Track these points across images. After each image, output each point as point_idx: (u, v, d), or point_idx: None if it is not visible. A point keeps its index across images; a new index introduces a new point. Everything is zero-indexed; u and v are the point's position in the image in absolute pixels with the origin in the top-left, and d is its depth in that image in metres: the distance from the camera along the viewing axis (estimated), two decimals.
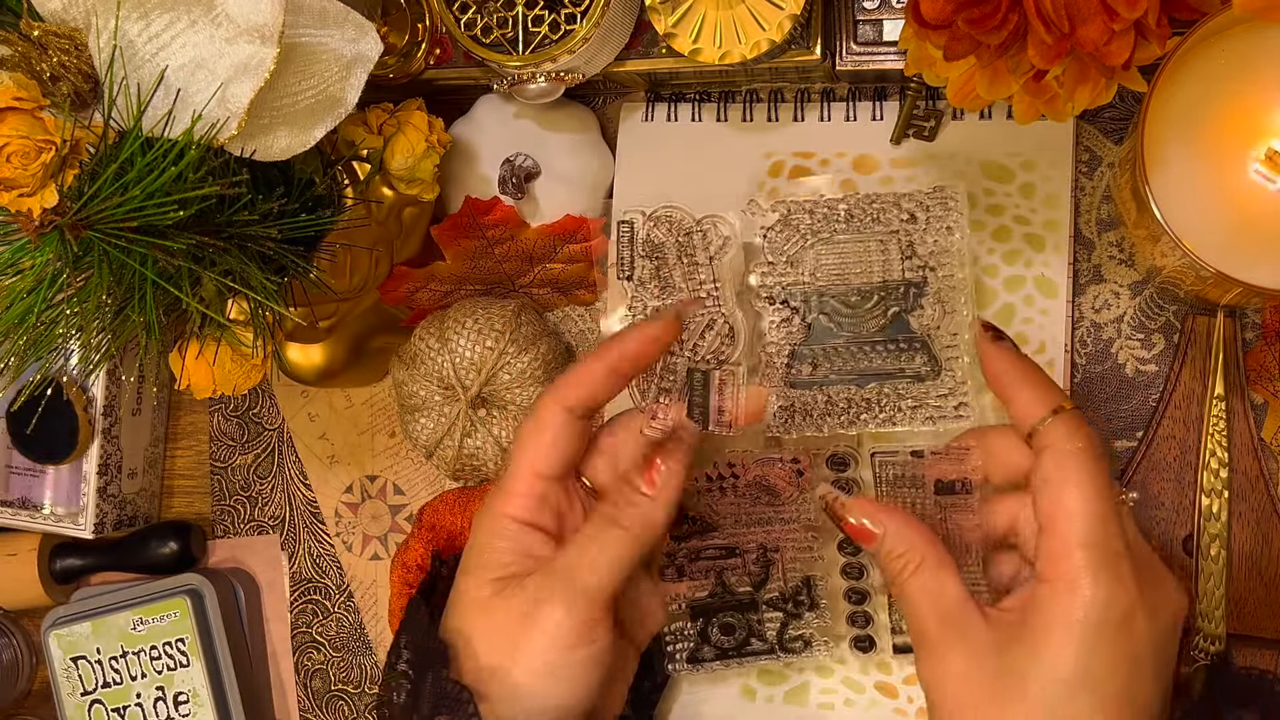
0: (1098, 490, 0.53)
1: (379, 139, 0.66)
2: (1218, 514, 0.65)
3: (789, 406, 0.64)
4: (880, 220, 0.64)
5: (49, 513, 0.78)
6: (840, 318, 0.64)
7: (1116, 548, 0.52)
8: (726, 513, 0.65)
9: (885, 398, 0.64)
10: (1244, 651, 0.65)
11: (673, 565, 0.65)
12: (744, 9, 0.62)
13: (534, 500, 0.59)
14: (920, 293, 0.64)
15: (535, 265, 0.73)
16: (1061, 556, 0.52)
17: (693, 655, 0.66)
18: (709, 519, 0.65)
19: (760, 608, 0.66)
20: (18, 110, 0.51)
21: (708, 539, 0.65)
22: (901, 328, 0.64)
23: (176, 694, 0.75)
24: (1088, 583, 0.51)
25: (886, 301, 0.64)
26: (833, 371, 0.64)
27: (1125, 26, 0.50)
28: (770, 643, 0.66)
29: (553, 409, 0.59)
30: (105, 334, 0.56)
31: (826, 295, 0.64)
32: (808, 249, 0.64)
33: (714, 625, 0.66)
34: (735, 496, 0.64)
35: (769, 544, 0.65)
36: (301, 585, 0.79)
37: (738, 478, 0.64)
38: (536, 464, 0.59)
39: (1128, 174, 0.61)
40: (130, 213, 0.51)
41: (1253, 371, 0.66)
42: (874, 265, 0.64)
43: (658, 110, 0.73)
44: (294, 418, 0.79)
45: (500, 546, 0.59)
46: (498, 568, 0.59)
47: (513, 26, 0.65)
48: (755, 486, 0.64)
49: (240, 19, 0.53)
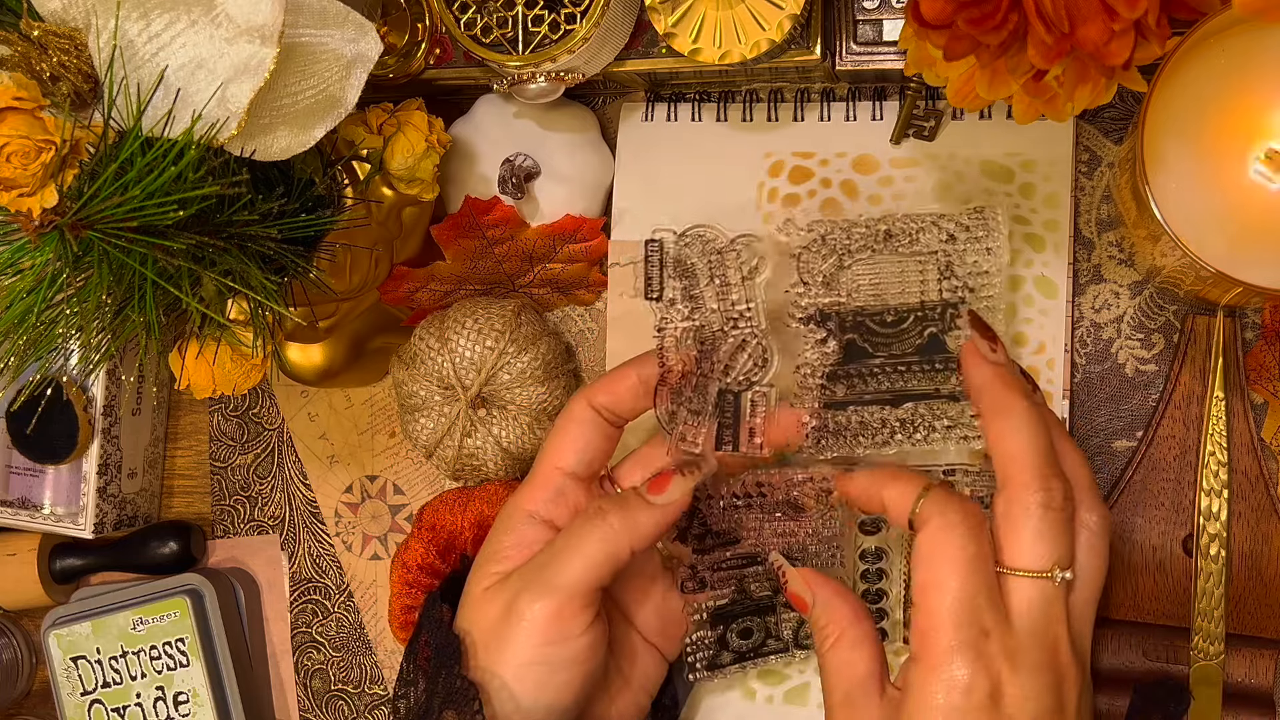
0: (968, 566, 0.53)
1: (379, 139, 0.66)
2: (1218, 514, 0.65)
3: (822, 427, 0.63)
4: (919, 240, 0.62)
5: (49, 513, 0.78)
6: (875, 338, 0.62)
7: (985, 625, 0.52)
8: (751, 526, 0.64)
9: (920, 418, 0.63)
10: (1244, 651, 0.65)
11: (695, 578, 0.64)
12: (744, 9, 0.62)
13: (550, 493, 0.60)
14: (957, 313, 0.62)
15: (535, 265, 0.73)
16: (928, 634, 0.53)
17: (712, 662, 0.66)
18: (731, 533, 0.64)
19: (778, 609, 0.66)
20: (18, 110, 0.51)
21: (730, 549, 0.64)
22: (937, 348, 0.62)
23: (176, 694, 0.75)
24: (947, 664, 0.52)
25: (923, 322, 0.62)
26: (867, 392, 0.63)
27: (1125, 26, 0.50)
28: (786, 641, 0.66)
29: (581, 405, 0.61)
30: (105, 334, 0.56)
31: (862, 316, 0.63)
32: (844, 269, 0.63)
33: (733, 631, 0.66)
34: (761, 512, 0.64)
35: (791, 550, 0.65)
36: (301, 585, 0.79)
37: (765, 496, 0.64)
38: (558, 458, 0.60)
39: (1128, 174, 0.60)
40: (130, 213, 0.51)
41: (1253, 371, 0.66)
42: (912, 286, 0.63)
43: (658, 110, 0.73)
44: (294, 418, 0.79)
45: (505, 541, 0.60)
46: (498, 561, 0.59)
47: (513, 26, 0.65)
48: (783, 504, 0.64)
49: (240, 19, 0.53)
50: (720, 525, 0.63)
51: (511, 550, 0.60)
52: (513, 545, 0.60)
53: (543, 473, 0.61)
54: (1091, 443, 0.68)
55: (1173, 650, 0.66)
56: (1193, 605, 0.65)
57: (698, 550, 0.64)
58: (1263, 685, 0.65)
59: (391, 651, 0.78)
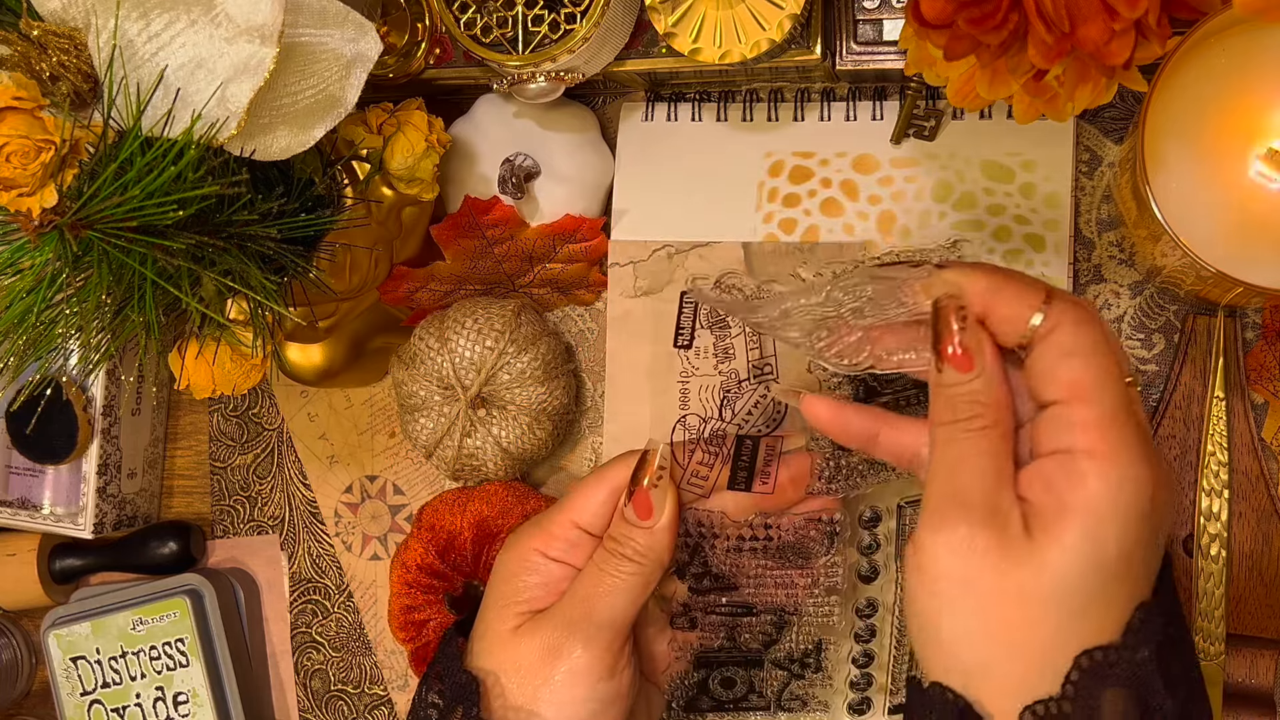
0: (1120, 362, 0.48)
1: (379, 139, 0.66)
2: (1218, 514, 0.65)
3: (835, 468, 0.63)
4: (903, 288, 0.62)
5: (49, 513, 0.78)
6: (882, 378, 0.62)
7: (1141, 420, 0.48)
8: (751, 573, 0.64)
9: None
10: (1244, 651, 0.65)
11: (687, 616, 0.64)
12: (744, 9, 0.62)
13: (566, 544, 0.60)
14: None
15: (535, 265, 0.73)
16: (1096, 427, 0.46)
17: (690, 703, 0.65)
18: (731, 578, 0.64)
19: (765, 665, 0.65)
20: (17, 110, 0.51)
21: (727, 595, 0.64)
22: None
23: (176, 694, 0.75)
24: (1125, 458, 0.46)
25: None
26: None
27: (1125, 26, 0.50)
28: (769, 699, 0.66)
29: (617, 473, 0.60)
30: (105, 334, 0.56)
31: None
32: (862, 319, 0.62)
33: (715, 678, 0.65)
34: (764, 558, 0.63)
35: (788, 606, 0.64)
36: (301, 585, 0.79)
37: (772, 539, 0.63)
38: (578, 515, 0.60)
39: (1128, 174, 0.60)
40: (130, 213, 0.51)
41: (1253, 371, 0.66)
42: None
43: (658, 110, 0.72)
44: (294, 418, 0.79)
45: (529, 581, 0.60)
46: (523, 602, 0.60)
47: (512, 26, 0.65)
48: (788, 549, 0.64)
49: (240, 19, 0.53)
50: (721, 567, 0.63)
51: (538, 590, 0.60)
52: (539, 585, 0.60)
53: (560, 524, 0.61)
54: None
55: None
56: (1193, 605, 0.65)
57: (694, 590, 0.63)
58: (1263, 685, 0.65)
59: (391, 652, 0.78)
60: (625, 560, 0.58)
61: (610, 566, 0.58)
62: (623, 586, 0.58)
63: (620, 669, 0.58)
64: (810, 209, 0.70)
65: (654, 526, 0.59)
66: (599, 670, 0.57)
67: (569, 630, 0.57)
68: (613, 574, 0.58)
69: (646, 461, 0.59)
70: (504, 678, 0.58)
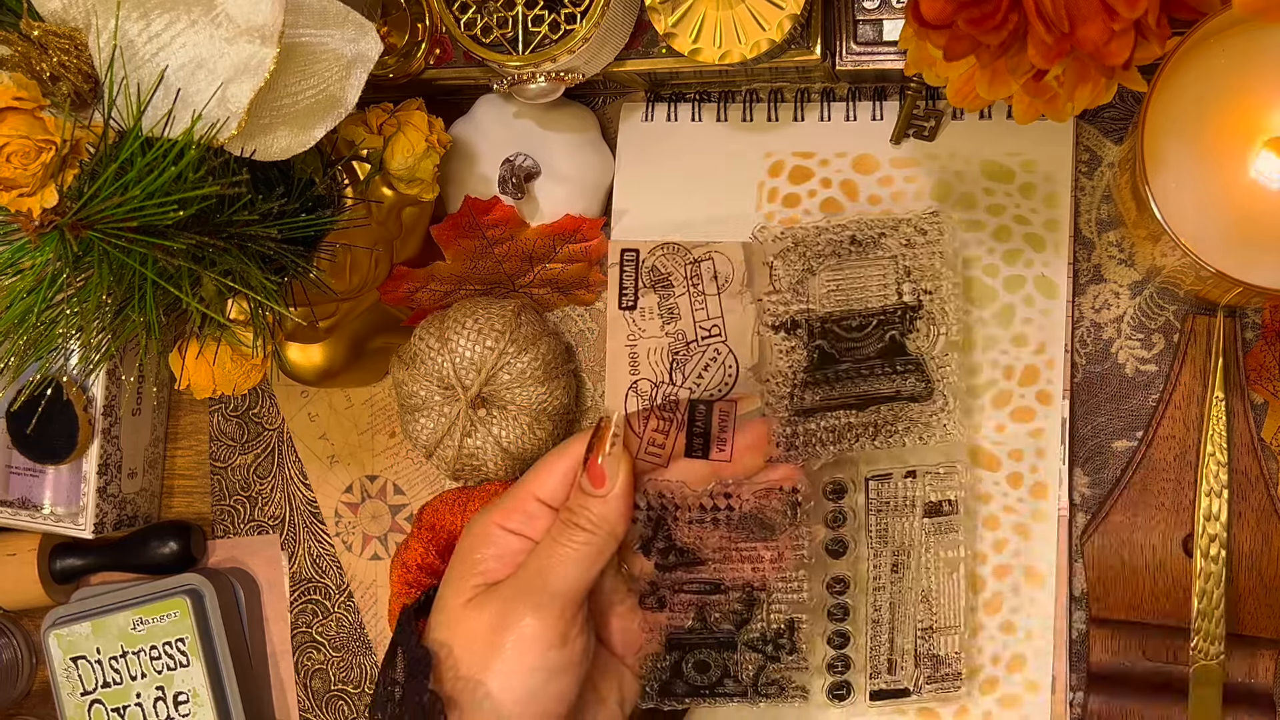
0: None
1: (379, 139, 0.66)
2: (1218, 514, 0.65)
3: (791, 434, 0.64)
4: (881, 245, 0.64)
5: (49, 513, 0.78)
6: (841, 344, 0.64)
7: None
8: (715, 546, 0.64)
9: (883, 420, 0.64)
10: (1244, 651, 0.65)
11: (655, 595, 0.64)
12: (744, 9, 0.62)
13: (524, 515, 0.61)
14: (915, 315, 0.64)
15: (535, 265, 0.73)
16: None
17: (664, 688, 0.65)
18: (696, 552, 0.64)
19: (739, 648, 0.65)
20: (18, 110, 0.51)
21: (693, 571, 0.64)
22: (898, 350, 0.64)
23: (176, 694, 0.75)
24: None
25: (885, 326, 0.64)
26: (834, 398, 0.64)
27: (1125, 26, 0.50)
28: (745, 684, 0.65)
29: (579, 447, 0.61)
30: (105, 334, 0.56)
31: (830, 322, 0.64)
32: (814, 276, 0.64)
33: (689, 661, 0.65)
34: (728, 530, 0.63)
35: (755, 582, 0.64)
36: (301, 585, 0.79)
37: (733, 510, 0.63)
38: (538, 488, 0.62)
39: (1128, 174, 0.61)
40: (130, 213, 0.51)
41: (1253, 371, 0.66)
42: (874, 290, 0.64)
43: (658, 110, 0.73)
44: (294, 418, 0.79)
45: (486, 554, 0.61)
46: (479, 574, 0.60)
47: (513, 26, 0.65)
48: (749, 520, 0.64)
49: (240, 19, 0.53)
50: (685, 540, 0.63)
51: (494, 563, 0.60)
52: (494, 558, 0.61)
53: (519, 498, 0.62)
54: (1091, 443, 0.68)
55: (1173, 650, 0.66)
56: (1193, 605, 0.65)
57: (660, 566, 0.64)
58: (1263, 685, 0.65)
59: None
60: (579, 530, 0.59)
61: (564, 536, 0.59)
62: (575, 556, 0.59)
63: (572, 637, 0.58)
64: (810, 209, 0.70)
65: (608, 494, 0.59)
66: (549, 638, 0.57)
67: (519, 599, 0.58)
68: (566, 544, 0.59)
69: (601, 431, 0.60)
70: (456, 649, 0.58)
